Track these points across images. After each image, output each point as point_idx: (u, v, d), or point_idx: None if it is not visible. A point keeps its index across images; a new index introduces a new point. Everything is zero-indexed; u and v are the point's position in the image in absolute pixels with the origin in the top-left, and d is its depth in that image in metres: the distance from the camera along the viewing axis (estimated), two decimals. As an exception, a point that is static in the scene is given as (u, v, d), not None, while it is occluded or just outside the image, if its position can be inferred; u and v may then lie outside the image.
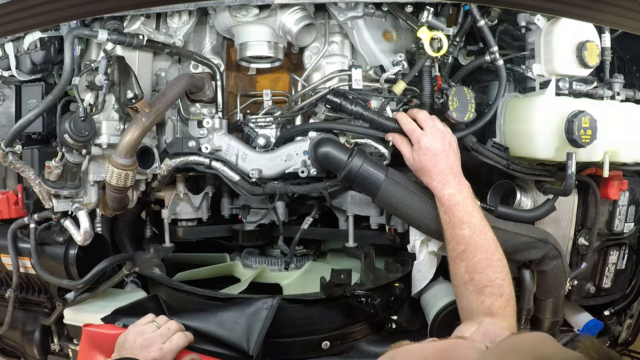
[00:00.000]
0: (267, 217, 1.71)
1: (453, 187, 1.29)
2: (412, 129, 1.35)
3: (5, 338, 1.73)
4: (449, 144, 1.33)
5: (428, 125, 1.34)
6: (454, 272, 1.26)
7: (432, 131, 1.33)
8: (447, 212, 1.28)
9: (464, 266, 1.23)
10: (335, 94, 1.43)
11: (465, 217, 1.25)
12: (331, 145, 1.45)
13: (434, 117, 1.38)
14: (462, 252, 1.24)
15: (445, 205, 1.28)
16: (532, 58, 1.44)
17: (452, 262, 1.27)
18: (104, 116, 1.40)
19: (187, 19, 1.49)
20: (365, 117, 1.42)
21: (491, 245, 1.24)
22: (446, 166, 1.30)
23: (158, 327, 1.21)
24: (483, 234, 1.24)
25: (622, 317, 1.77)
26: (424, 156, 1.32)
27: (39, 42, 1.42)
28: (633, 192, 1.60)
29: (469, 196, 1.29)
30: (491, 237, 1.25)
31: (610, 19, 1.10)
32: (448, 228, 1.28)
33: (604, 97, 1.47)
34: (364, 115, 1.42)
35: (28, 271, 1.54)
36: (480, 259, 1.22)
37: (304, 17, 1.43)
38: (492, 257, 1.22)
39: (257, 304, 1.31)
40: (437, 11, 1.42)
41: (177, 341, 1.18)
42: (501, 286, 1.20)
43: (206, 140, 1.55)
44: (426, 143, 1.32)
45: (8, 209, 1.52)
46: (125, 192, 1.42)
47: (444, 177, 1.30)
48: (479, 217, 1.26)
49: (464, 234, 1.24)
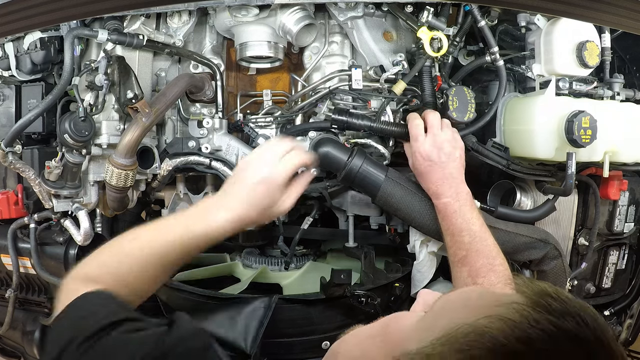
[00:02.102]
0: (267, 217, 1.71)
1: (448, 197, 1.27)
2: (415, 135, 1.34)
3: (5, 338, 1.73)
4: (448, 154, 1.30)
5: (430, 133, 1.33)
6: (456, 276, 1.27)
7: (432, 140, 1.31)
8: (445, 220, 1.28)
9: (467, 271, 1.23)
10: (339, 112, 1.43)
11: (464, 224, 1.25)
12: (331, 145, 1.45)
13: (445, 121, 1.35)
14: (463, 257, 1.24)
15: (442, 213, 1.28)
16: (532, 58, 1.44)
17: (454, 265, 1.27)
18: (104, 116, 1.40)
19: (187, 19, 1.49)
20: (375, 129, 1.42)
21: (492, 250, 1.24)
22: (441, 176, 1.29)
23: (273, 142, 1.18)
24: (483, 240, 1.24)
25: (622, 317, 1.77)
26: (419, 165, 1.32)
27: (39, 42, 1.42)
28: (633, 192, 1.60)
29: (467, 203, 1.27)
30: (492, 243, 1.25)
31: (610, 19, 1.10)
32: (447, 234, 1.28)
33: (604, 97, 1.47)
34: (373, 127, 1.41)
35: (28, 271, 1.54)
36: (483, 265, 1.22)
37: (304, 17, 1.43)
38: (493, 262, 1.22)
39: (255, 302, 1.31)
40: (437, 11, 1.42)
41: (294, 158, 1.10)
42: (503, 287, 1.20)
43: (206, 140, 1.55)
44: (422, 152, 1.31)
45: (8, 209, 1.51)
46: (125, 192, 1.42)
47: (439, 187, 1.29)
48: (478, 224, 1.25)
49: (463, 241, 1.24)
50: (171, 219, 1.09)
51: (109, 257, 1.01)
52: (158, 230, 1.03)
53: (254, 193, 1.05)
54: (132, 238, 1.02)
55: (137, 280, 0.99)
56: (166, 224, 1.06)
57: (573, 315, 0.53)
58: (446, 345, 0.54)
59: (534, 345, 0.51)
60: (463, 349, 0.52)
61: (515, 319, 0.53)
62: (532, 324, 0.52)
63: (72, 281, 0.96)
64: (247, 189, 1.06)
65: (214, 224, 1.03)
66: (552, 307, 0.54)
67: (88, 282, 0.93)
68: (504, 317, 0.53)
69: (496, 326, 0.52)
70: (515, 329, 0.52)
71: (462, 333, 0.53)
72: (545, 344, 0.51)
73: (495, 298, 0.59)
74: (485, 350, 0.51)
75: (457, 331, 0.54)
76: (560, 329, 0.52)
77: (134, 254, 0.99)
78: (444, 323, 0.56)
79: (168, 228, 1.04)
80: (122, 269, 0.98)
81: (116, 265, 0.99)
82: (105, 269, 0.98)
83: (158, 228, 1.04)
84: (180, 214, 1.11)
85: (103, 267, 0.99)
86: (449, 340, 0.54)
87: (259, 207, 1.06)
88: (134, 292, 0.99)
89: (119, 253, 1.01)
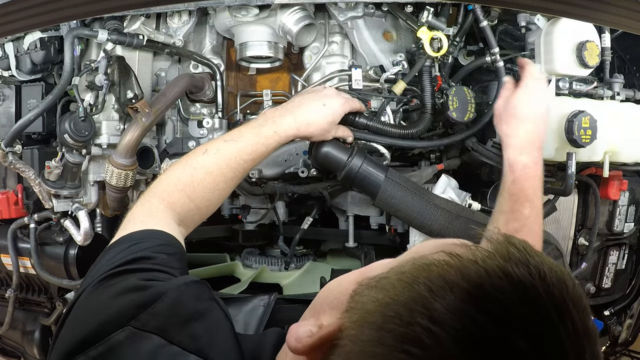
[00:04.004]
0: (267, 217, 1.71)
1: (530, 158, 1.15)
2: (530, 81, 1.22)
3: (5, 338, 1.73)
4: (544, 114, 1.21)
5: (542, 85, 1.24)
6: None
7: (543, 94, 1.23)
8: (516, 183, 1.15)
9: None
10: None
11: (532, 195, 1.14)
12: (331, 145, 1.45)
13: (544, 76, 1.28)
14: (515, 230, 1.13)
15: (516, 174, 1.15)
16: (532, 58, 1.44)
17: None
18: (104, 116, 1.40)
19: (187, 19, 1.49)
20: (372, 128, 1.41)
21: (541, 235, 1.18)
22: (536, 134, 1.18)
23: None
24: (539, 219, 1.16)
25: (622, 317, 1.77)
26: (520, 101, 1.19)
27: (39, 42, 1.42)
28: (633, 192, 1.60)
29: (540, 174, 1.17)
30: (541, 224, 1.18)
31: (610, 19, 1.10)
32: (510, 200, 1.15)
33: (604, 97, 1.47)
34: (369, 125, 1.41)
35: (28, 271, 1.54)
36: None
37: (304, 17, 1.43)
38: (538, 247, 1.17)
39: (254, 301, 1.30)
40: (437, 11, 1.42)
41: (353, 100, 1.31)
42: None
43: (206, 140, 1.55)
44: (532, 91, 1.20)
45: (8, 209, 1.51)
46: (125, 192, 1.42)
47: (528, 144, 1.16)
48: (540, 200, 1.16)
49: (523, 212, 1.13)
50: (241, 128, 1.19)
51: (181, 171, 1.09)
52: (230, 138, 1.14)
53: (319, 110, 1.23)
54: (204, 150, 1.12)
55: (207, 191, 1.09)
56: (237, 132, 1.17)
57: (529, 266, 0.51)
58: (397, 273, 0.56)
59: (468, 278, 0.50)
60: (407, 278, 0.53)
61: (464, 257, 0.53)
62: (479, 263, 0.51)
63: (148, 195, 1.06)
64: (315, 105, 1.23)
65: (281, 127, 1.17)
66: (510, 254, 0.52)
67: (160, 198, 1.04)
68: (455, 254, 0.53)
69: (444, 260, 0.53)
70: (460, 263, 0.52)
71: (415, 264, 0.55)
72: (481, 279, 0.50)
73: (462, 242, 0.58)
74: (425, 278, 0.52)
75: (413, 262, 0.56)
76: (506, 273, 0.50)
77: (206, 164, 1.10)
78: (409, 256, 0.58)
79: (239, 134, 1.15)
80: (194, 181, 1.07)
81: (189, 179, 1.08)
82: (177, 185, 1.07)
83: (230, 137, 1.15)
84: (249, 123, 1.20)
85: (176, 182, 1.07)
86: (400, 268, 0.56)
87: (320, 124, 1.23)
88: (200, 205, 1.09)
89: (192, 166, 1.10)
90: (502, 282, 0.49)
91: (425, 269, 0.53)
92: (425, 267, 0.54)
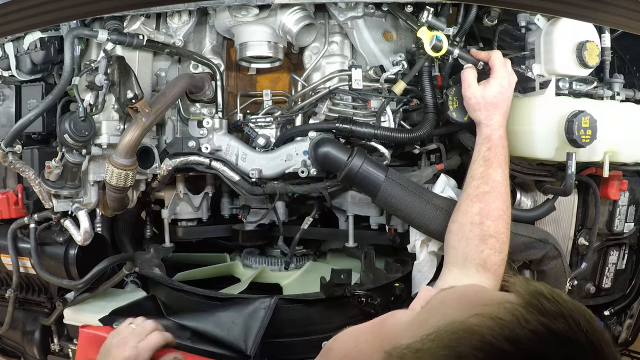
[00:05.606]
0: (267, 217, 1.71)
1: (503, 132, 1.28)
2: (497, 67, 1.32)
3: (5, 338, 1.73)
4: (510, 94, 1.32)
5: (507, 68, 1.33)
6: (465, 210, 1.24)
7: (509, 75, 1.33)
8: (492, 149, 1.26)
9: (479, 208, 1.21)
10: (342, 121, 1.43)
11: (503, 163, 1.26)
12: (331, 145, 1.45)
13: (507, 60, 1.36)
14: (484, 193, 1.23)
15: (493, 142, 1.27)
16: (532, 58, 1.44)
17: (468, 199, 1.24)
18: (104, 116, 1.40)
19: (187, 19, 1.49)
20: (380, 136, 1.42)
21: (508, 200, 1.24)
22: (507, 110, 1.30)
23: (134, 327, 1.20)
24: (507, 186, 1.25)
25: (622, 317, 1.77)
26: (496, 90, 1.29)
27: (39, 42, 1.42)
28: (633, 192, 1.60)
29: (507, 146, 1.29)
30: (508, 191, 1.26)
31: (610, 19, 1.10)
32: (483, 165, 1.26)
33: (604, 97, 1.47)
34: (377, 134, 1.41)
35: (28, 271, 1.54)
36: (497, 208, 1.21)
37: (304, 17, 1.43)
38: (506, 211, 1.23)
39: (255, 303, 1.31)
40: (437, 11, 1.42)
41: (152, 339, 1.16)
42: (504, 243, 1.20)
43: (206, 140, 1.55)
44: (503, 83, 1.30)
45: (8, 209, 1.51)
46: (125, 192, 1.42)
47: (504, 120, 1.29)
48: (507, 170, 1.27)
49: (495, 177, 1.23)
50: None
51: None
52: None
53: None
54: None
55: None
56: None
57: (565, 317, 0.52)
58: (435, 341, 0.53)
59: (522, 346, 0.50)
60: (451, 346, 0.52)
61: (505, 319, 0.52)
62: (522, 324, 0.51)
63: None
64: None
65: None
66: (545, 307, 0.53)
67: None
68: (494, 316, 0.52)
69: (486, 324, 0.52)
70: (504, 328, 0.51)
71: (452, 330, 0.53)
72: (534, 344, 0.50)
73: (489, 297, 0.58)
74: (472, 348, 0.50)
75: (447, 328, 0.54)
76: (550, 330, 0.51)
77: None
78: (437, 319, 0.56)
79: None
80: None
81: None
82: None
83: None
84: None
85: None
86: (439, 336, 0.53)
87: None
88: None
89: None
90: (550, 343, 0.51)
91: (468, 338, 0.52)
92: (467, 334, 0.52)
